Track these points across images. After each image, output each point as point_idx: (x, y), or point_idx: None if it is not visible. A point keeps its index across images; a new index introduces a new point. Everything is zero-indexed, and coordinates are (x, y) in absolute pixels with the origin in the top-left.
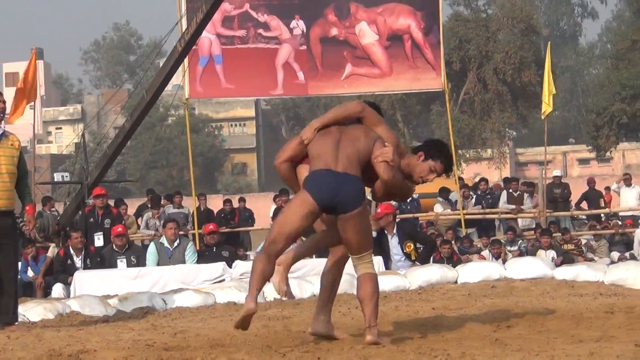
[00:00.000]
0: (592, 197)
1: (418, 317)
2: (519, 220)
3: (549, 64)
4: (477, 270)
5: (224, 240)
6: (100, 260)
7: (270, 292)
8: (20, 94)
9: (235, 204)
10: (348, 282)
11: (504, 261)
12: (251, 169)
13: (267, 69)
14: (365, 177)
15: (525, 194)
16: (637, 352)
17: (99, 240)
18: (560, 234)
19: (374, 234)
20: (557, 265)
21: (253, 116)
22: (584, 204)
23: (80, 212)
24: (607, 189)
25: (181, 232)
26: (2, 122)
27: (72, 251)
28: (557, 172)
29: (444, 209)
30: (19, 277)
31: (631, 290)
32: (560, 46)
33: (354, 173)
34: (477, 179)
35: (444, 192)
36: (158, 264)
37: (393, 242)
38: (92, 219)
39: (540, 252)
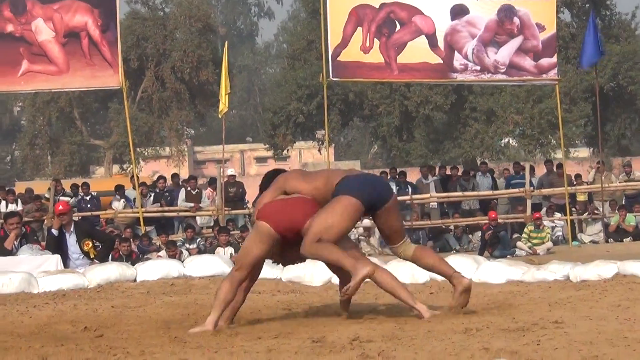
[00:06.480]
0: None
1: (98, 315)
2: (198, 219)
3: (225, 63)
4: (156, 268)
5: None
6: None
7: None
8: None
9: None
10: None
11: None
12: None
13: None
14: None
15: (204, 191)
16: (314, 348)
17: None
18: (239, 232)
19: (55, 232)
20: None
21: None
22: None
23: None
24: None
25: None
26: None
27: None
28: (231, 171)
29: (123, 206)
30: None
31: (308, 287)
32: (238, 45)
33: None
34: (155, 177)
35: (120, 189)
36: None
37: (71, 240)
38: None
39: (219, 249)
